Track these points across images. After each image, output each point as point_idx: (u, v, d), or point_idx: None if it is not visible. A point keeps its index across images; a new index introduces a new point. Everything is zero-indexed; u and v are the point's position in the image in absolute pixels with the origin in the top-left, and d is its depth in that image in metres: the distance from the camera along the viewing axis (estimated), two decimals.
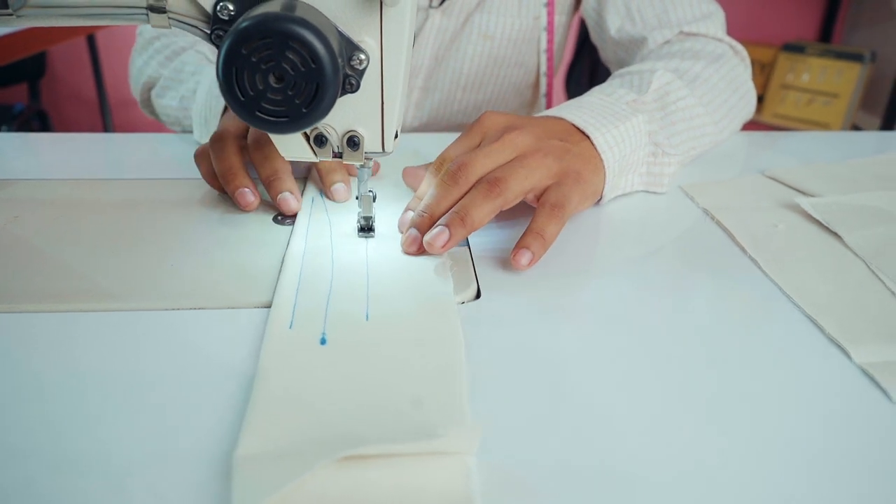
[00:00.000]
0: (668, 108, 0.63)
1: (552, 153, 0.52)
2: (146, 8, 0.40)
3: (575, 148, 0.54)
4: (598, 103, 0.60)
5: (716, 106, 0.68)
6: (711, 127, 0.67)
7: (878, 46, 2.33)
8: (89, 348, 0.40)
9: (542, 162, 0.51)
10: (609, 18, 0.82)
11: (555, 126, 0.56)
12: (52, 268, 0.47)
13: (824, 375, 0.39)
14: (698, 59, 0.71)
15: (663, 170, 0.62)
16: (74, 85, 2.55)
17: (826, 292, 0.46)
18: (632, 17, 0.80)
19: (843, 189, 0.61)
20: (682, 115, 0.64)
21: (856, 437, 0.35)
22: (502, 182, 0.49)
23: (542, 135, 0.54)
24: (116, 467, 0.32)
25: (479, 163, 0.51)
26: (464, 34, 0.86)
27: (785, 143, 0.79)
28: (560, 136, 0.55)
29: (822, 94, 2.34)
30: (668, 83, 0.65)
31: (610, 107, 0.60)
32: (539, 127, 0.55)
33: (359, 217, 0.51)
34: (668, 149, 0.61)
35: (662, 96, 0.64)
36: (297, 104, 0.38)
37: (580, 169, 0.53)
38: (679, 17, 0.78)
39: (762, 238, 0.53)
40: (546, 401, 0.37)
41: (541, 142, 0.53)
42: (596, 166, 0.55)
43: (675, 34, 0.76)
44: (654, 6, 0.79)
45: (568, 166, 0.53)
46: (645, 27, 0.79)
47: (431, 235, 0.48)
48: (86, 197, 0.58)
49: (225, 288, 0.45)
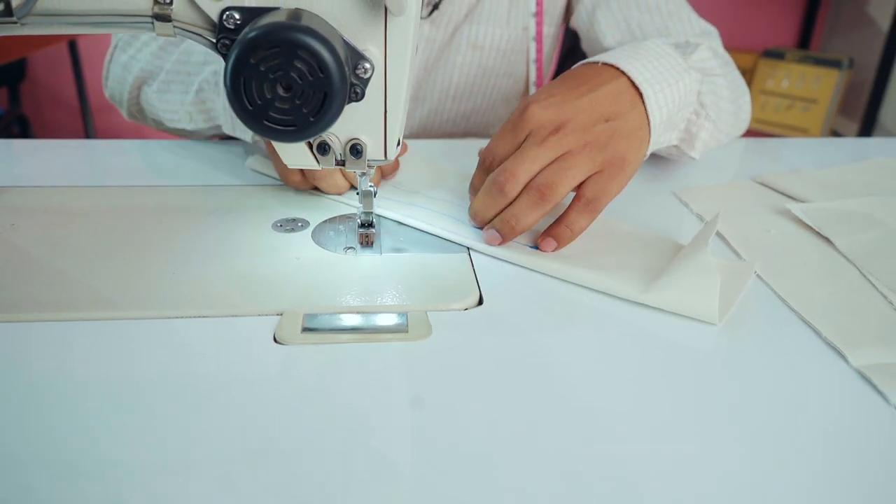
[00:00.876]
0: (708, 78, 0.64)
1: (597, 144, 0.52)
2: (151, 16, 0.40)
3: (622, 123, 0.54)
4: (653, 51, 0.59)
5: (733, 99, 0.69)
6: (731, 117, 0.68)
7: (855, 53, 2.37)
8: (89, 357, 0.40)
9: (588, 156, 0.52)
10: (607, 33, 0.82)
11: (604, 97, 0.55)
12: (52, 276, 0.47)
13: (822, 379, 0.40)
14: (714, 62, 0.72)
15: (700, 132, 0.62)
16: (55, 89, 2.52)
17: (821, 296, 0.47)
18: (632, 31, 0.80)
19: (833, 195, 0.63)
20: (715, 89, 0.64)
21: (854, 440, 0.36)
22: (550, 189, 0.51)
23: (589, 123, 0.53)
24: (116, 476, 0.32)
25: (524, 169, 0.51)
26: (453, 45, 0.86)
27: (771, 149, 0.81)
28: (608, 114, 0.54)
29: (801, 100, 2.37)
30: (709, 59, 0.65)
31: (667, 57, 0.59)
32: (586, 112, 0.53)
33: (359, 213, 0.52)
34: (710, 112, 0.62)
35: (704, 66, 0.64)
36: (305, 113, 0.38)
37: (625, 152, 0.53)
38: (679, 29, 0.79)
39: (756, 243, 0.54)
40: (549, 407, 0.37)
41: (587, 135, 0.52)
42: (642, 138, 0.55)
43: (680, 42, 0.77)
44: (654, 22, 0.80)
45: (613, 155, 0.53)
46: (647, 37, 0.79)
47: (487, 238, 0.52)
48: (82, 204, 0.58)
49: (226, 295, 0.45)
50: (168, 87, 0.72)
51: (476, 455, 0.34)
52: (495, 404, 0.37)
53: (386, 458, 0.34)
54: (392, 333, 0.43)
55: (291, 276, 0.48)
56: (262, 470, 0.32)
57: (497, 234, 0.52)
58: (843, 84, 2.33)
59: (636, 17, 0.81)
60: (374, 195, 0.51)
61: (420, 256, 0.51)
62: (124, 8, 0.40)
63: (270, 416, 0.36)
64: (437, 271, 0.49)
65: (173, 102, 0.72)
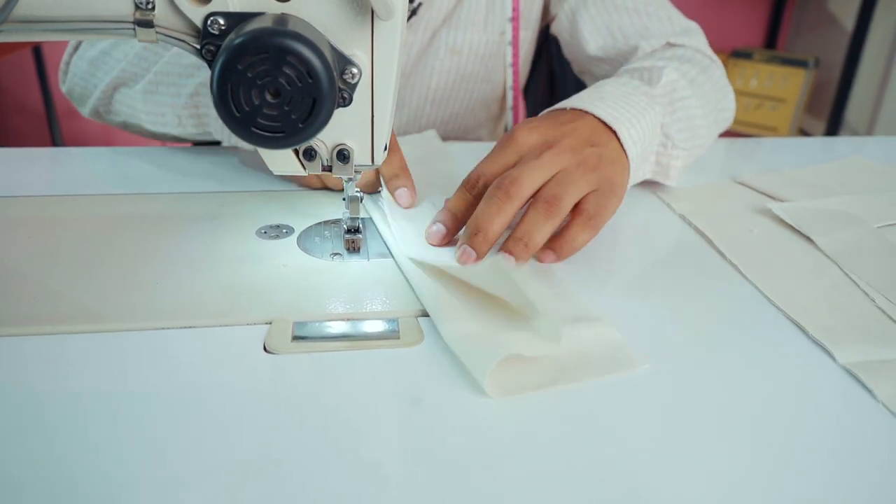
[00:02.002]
0: (675, 104, 0.65)
1: (590, 164, 0.53)
2: (133, 22, 0.39)
3: (605, 151, 0.55)
4: (616, 92, 0.60)
5: (707, 111, 0.70)
6: (705, 130, 0.69)
7: (820, 52, 2.41)
8: (76, 371, 0.39)
9: (584, 175, 0.52)
10: (589, 38, 0.82)
11: (584, 129, 0.56)
12: (33, 288, 0.45)
13: (810, 377, 0.41)
14: (693, 64, 0.73)
15: (671, 161, 0.63)
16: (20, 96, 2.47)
17: (805, 295, 0.48)
18: (613, 35, 0.81)
19: (811, 194, 0.64)
20: (685, 113, 0.65)
21: (843, 437, 0.36)
22: (558, 200, 0.50)
23: (577, 145, 0.54)
24: (105, 487, 0.31)
25: (528, 178, 0.51)
26: (431, 50, 0.86)
27: (749, 149, 0.82)
28: (591, 141, 0.55)
29: (769, 99, 2.42)
30: (675, 80, 0.66)
31: (628, 96, 0.60)
32: (572, 137, 0.55)
33: (345, 219, 0.51)
34: (677, 141, 0.63)
35: (670, 92, 0.65)
36: (294, 119, 0.38)
37: (613, 177, 0.54)
38: (660, 30, 0.79)
39: (739, 243, 0.55)
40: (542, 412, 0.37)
41: (578, 155, 0.53)
42: (623, 167, 0.57)
43: (661, 44, 0.77)
44: (634, 24, 0.80)
45: (603, 176, 0.53)
46: (629, 39, 0.79)
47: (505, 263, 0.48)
48: (60, 214, 0.56)
49: (213, 305, 0.44)
50: (156, 89, 0.69)
51: (469, 463, 0.33)
52: (488, 410, 0.37)
53: (379, 466, 0.33)
54: (383, 340, 0.42)
55: (279, 284, 0.47)
56: (253, 480, 0.32)
57: (511, 257, 0.49)
58: (809, 83, 2.38)
59: (616, 20, 0.81)
60: (361, 200, 0.50)
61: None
62: (105, 14, 0.39)
63: (262, 426, 0.35)
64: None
65: (161, 105, 0.69)
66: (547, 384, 0.39)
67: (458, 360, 0.40)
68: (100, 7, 0.39)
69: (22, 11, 0.39)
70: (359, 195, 0.50)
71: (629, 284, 0.50)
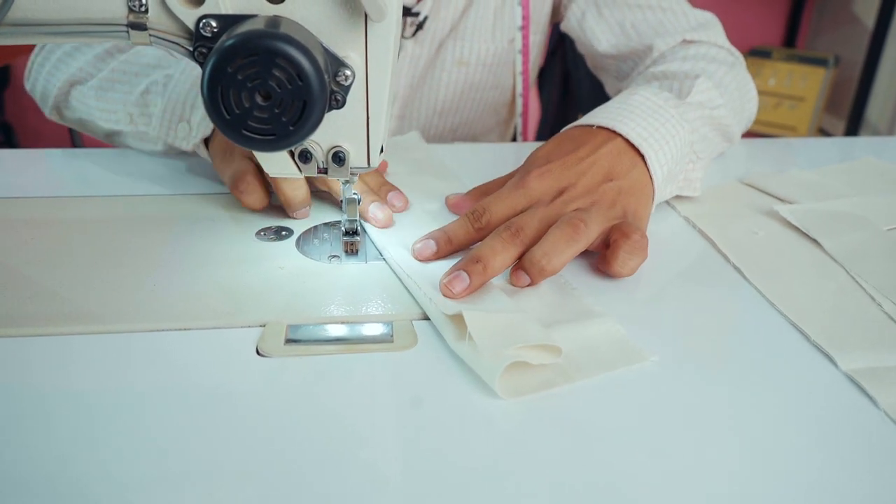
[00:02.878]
0: (707, 116, 0.63)
1: (605, 203, 0.51)
2: (126, 25, 0.39)
3: (625, 182, 0.53)
4: (646, 106, 0.58)
5: (735, 112, 0.69)
6: (731, 133, 0.68)
7: (840, 51, 2.38)
8: (72, 372, 0.39)
9: (601, 212, 0.50)
10: (601, 37, 0.80)
11: (606, 158, 0.54)
12: (32, 290, 0.46)
13: (811, 383, 0.40)
14: (719, 64, 0.71)
15: (696, 174, 0.61)
16: None
17: (809, 299, 0.47)
18: (626, 33, 0.79)
19: (819, 196, 0.63)
20: (717, 122, 0.64)
21: (844, 445, 0.35)
22: (584, 222, 0.48)
23: (593, 186, 0.52)
24: (107, 490, 0.31)
25: (533, 224, 0.49)
26: (438, 62, 0.85)
27: (759, 150, 0.81)
28: (610, 174, 0.53)
29: (788, 98, 2.38)
30: (708, 90, 0.64)
31: (659, 112, 0.57)
32: (588, 176, 0.52)
33: (343, 221, 0.51)
34: (701, 154, 0.61)
35: (701, 102, 0.63)
36: (284, 122, 0.38)
37: (636, 208, 0.52)
38: (676, 25, 0.77)
39: (743, 245, 0.54)
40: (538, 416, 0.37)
41: (593, 195, 0.51)
42: (646, 193, 0.54)
43: (677, 42, 0.75)
44: (647, 20, 0.78)
45: (624, 210, 0.52)
46: (643, 37, 0.78)
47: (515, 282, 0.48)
48: (60, 216, 0.57)
49: (209, 307, 0.44)
50: (112, 86, 0.69)
51: (464, 466, 0.33)
52: (482, 414, 0.37)
53: (371, 470, 0.33)
54: (377, 344, 0.42)
55: (275, 287, 0.47)
56: (245, 483, 0.32)
57: (526, 278, 0.47)
58: (829, 82, 2.34)
59: (629, 16, 0.79)
60: (359, 202, 0.50)
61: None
62: (99, 17, 0.39)
63: (254, 429, 0.35)
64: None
65: (113, 101, 0.69)
66: (559, 382, 0.39)
67: (451, 363, 0.40)
68: (93, 10, 0.39)
69: (17, 15, 0.39)
70: (356, 197, 0.50)
71: (629, 287, 0.49)
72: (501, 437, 0.35)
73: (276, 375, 0.39)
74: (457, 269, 0.46)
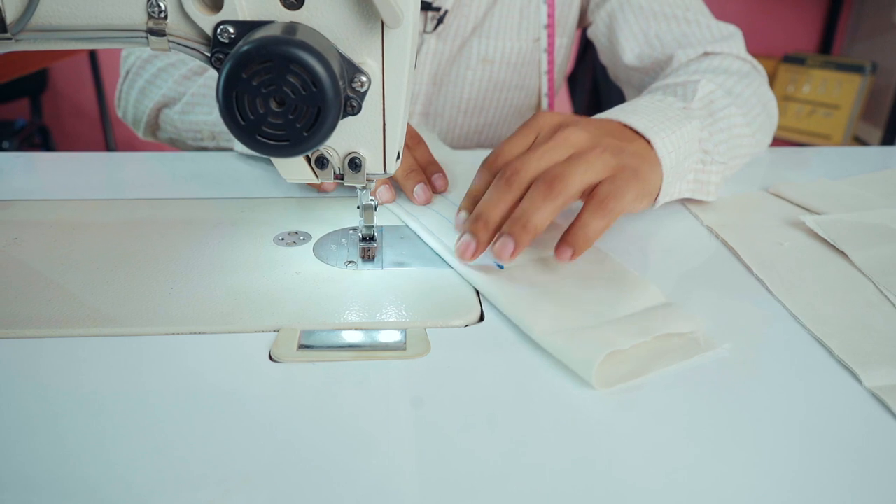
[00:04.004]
0: (715, 115, 0.63)
1: (609, 149, 0.50)
2: (146, 31, 0.40)
3: (631, 147, 0.53)
4: (651, 106, 0.58)
5: (751, 118, 0.68)
6: (750, 139, 0.67)
7: (878, 58, 2.33)
8: (88, 374, 0.39)
9: (600, 157, 0.49)
10: (626, 46, 0.81)
11: (611, 126, 0.55)
12: (52, 291, 0.46)
13: (833, 399, 0.39)
14: (729, 74, 0.71)
15: (710, 178, 0.61)
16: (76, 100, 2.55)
17: (833, 313, 0.46)
18: (650, 42, 0.79)
19: (849, 206, 0.61)
20: (725, 123, 0.63)
21: (867, 464, 0.34)
22: (561, 180, 0.47)
23: (598, 132, 0.52)
24: (120, 492, 0.31)
25: (532, 165, 0.49)
26: (462, 59, 0.85)
27: (789, 159, 0.79)
28: (616, 136, 0.53)
29: (823, 106, 2.34)
30: (712, 92, 0.64)
31: (664, 110, 0.58)
32: (594, 125, 0.53)
33: (360, 227, 0.51)
34: (716, 156, 0.60)
35: (708, 104, 0.63)
36: (299, 128, 0.38)
37: (638, 166, 0.51)
38: (699, 37, 0.77)
39: (768, 257, 0.53)
40: (551, 425, 0.36)
41: (596, 138, 0.51)
42: (653, 165, 0.54)
43: (699, 54, 0.75)
44: (672, 31, 0.78)
45: (626, 162, 0.50)
46: (666, 48, 0.78)
47: (497, 248, 0.47)
48: (84, 218, 0.58)
49: (223, 312, 0.45)
50: (192, 109, 0.75)
51: (476, 475, 0.33)
52: (495, 423, 0.36)
53: (381, 477, 0.33)
54: (389, 351, 0.42)
55: (291, 292, 0.47)
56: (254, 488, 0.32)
57: (510, 239, 0.46)
58: (865, 89, 2.29)
59: (653, 27, 0.79)
60: (375, 209, 0.50)
61: (422, 271, 0.50)
62: (118, 23, 0.40)
63: (265, 434, 0.35)
64: (439, 286, 0.48)
65: (197, 123, 0.75)
66: (642, 372, 0.40)
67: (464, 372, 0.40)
68: (113, 16, 0.39)
69: (40, 21, 0.39)
70: (373, 203, 0.50)
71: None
72: (511, 444, 0.35)
73: (287, 381, 0.39)
74: (462, 232, 0.48)
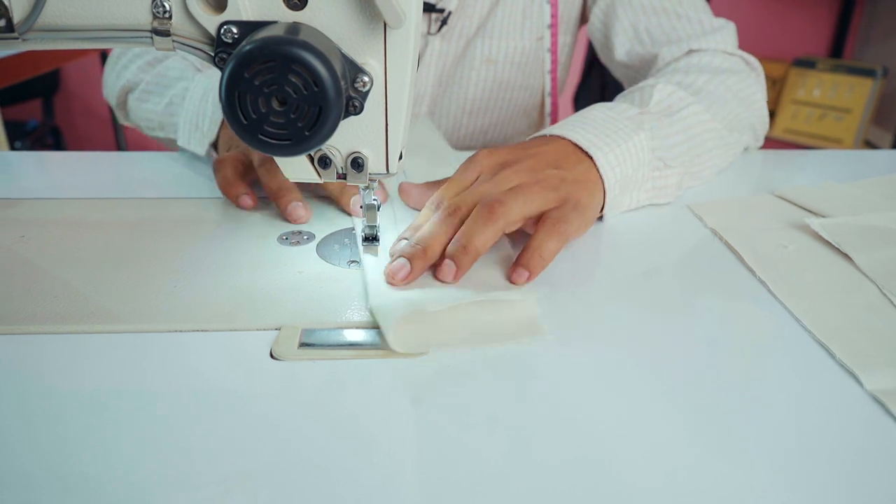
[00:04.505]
0: (674, 115, 0.63)
1: (549, 184, 0.52)
2: (150, 31, 0.40)
3: (571, 174, 0.54)
4: (600, 118, 0.60)
5: (723, 115, 0.68)
6: (718, 134, 0.67)
7: (889, 62, 2.31)
8: (90, 370, 0.40)
9: (541, 193, 0.51)
10: (617, 41, 0.81)
11: (553, 152, 0.56)
12: (57, 289, 0.47)
13: (834, 402, 0.39)
14: (702, 72, 0.71)
15: (667, 181, 0.62)
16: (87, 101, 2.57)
17: (836, 316, 0.46)
18: (640, 38, 0.79)
19: (855, 209, 0.61)
20: (683, 124, 0.63)
21: (866, 467, 0.34)
22: (502, 204, 0.49)
23: (538, 167, 0.53)
24: (121, 489, 0.32)
25: (472, 199, 0.50)
26: (466, 59, 0.85)
27: (796, 162, 0.79)
28: (557, 164, 0.54)
29: (833, 110, 2.33)
30: (670, 94, 0.65)
31: (612, 122, 0.59)
32: (535, 159, 0.54)
33: (364, 227, 0.51)
34: (669, 161, 0.61)
35: (666, 108, 0.64)
36: (300, 127, 0.38)
37: (578, 196, 0.53)
38: (688, 32, 0.77)
39: (771, 259, 0.53)
40: (552, 422, 0.36)
41: (537, 174, 0.53)
42: (594, 189, 0.55)
43: (683, 52, 0.76)
44: (661, 25, 0.78)
45: (567, 195, 0.52)
46: (654, 45, 0.78)
47: (441, 272, 0.47)
48: (91, 217, 0.58)
49: (225, 310, 0.45)
50: (147, 98, 0.76)
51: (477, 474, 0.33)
52: (495, 420, 0.36)
53: (382, 477, 0.33)
54: (389, 349, 0.42)
55: (292, 291, 0.47)
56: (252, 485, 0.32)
57: (452, 265, 0.47)
58: (877, 93, 2.28)
59: (643, 21, 0.80)
60: (378, 209, 0.50)
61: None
62: (124, 23, 0.40)
63: (264, 431, 0.35)
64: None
65: (148, 112, 0.76)
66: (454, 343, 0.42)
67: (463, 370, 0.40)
68: (118, 16, 0.40)
69: (47, 21, 0.40)
70: (375, 203, 0.50)
71: (650, 300, 0.48)
72: (516, 441, 0.35)
73: (288, 379, 0.40)
74: (399, 256, 0.48)
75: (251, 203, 0.59)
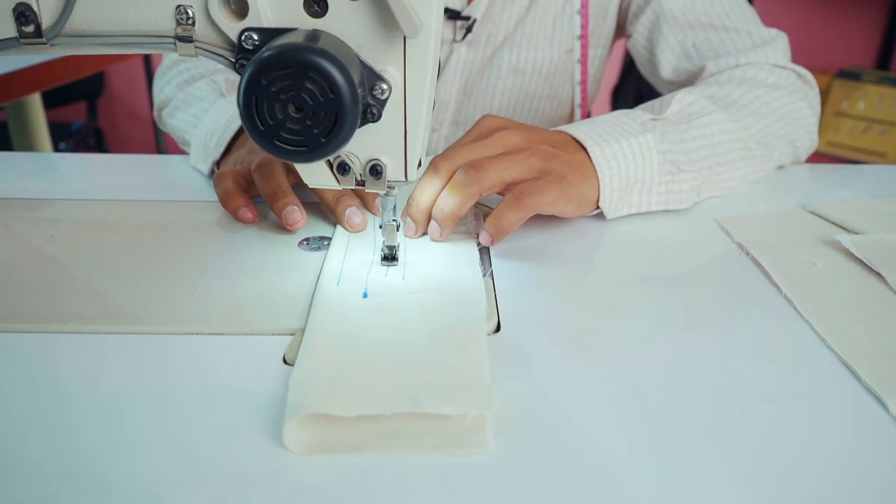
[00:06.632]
0: (692, 122, 0.62)
1: (538, 154, 0.54)
2: (174, 37, 0.41)
3: (566, 156, 0.55)
4: (609, 119, 0.60)
5: (757, 128, 0.66)
6: (744, 145, 0.65)
7: None
8: (109, 370, 0.40)
9: (526, 159, 0.53)
10: (663, 59, 0.80)
11: (551, 136, 0.58)
12: (82, 289, 0.48)
13: (858, 427, 0.37)
14: (741, 85, 0.69)
15: (681, 186, 0.61)
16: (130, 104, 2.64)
17: (864, 337, 0.44)
18: (687, 54, 0.78)
19: (889, 226, 0.59)
20: (707, 130, 0.63)
21: (890, 493, 0.33)
22: (479, 170, 0.51)
23: (534, 138, 0.55)
24: (138, 489, 0.32)
25: (460, 157, 0.53)
26: (493, 68, 0.85)
27: (832, 176, 0.77)
28: (553, 144, 0.56)
29: (878, 123, 2.27)
30: (690, 103, 0.64)
31: (619, 123, 0.60)
32: (532, 132, 0.56)
33: (383, 246, 0.51)
34: (683, 166, 0.61)
35: (686, 115, 0.63)
36: (316, 134, 0.38)
37: (566, 173, 0.54)
38: (737, 45, 0.76)
39: (799, 276, 0.51)
40: (563, 440, 0.35)
41: (529, 143, 0.54)
42: (586, 175, 0.56)
43: (731, 66, 0.74)
44: (710, 40, 0.77)
45: (553, 167, 0.54)
46: (701, 59, 0.77)
47: (430, 233, 0.53)
48: (119, 219, 0.59)
49: (241, 314, 0.45)
50: (174, 114, 0.79)
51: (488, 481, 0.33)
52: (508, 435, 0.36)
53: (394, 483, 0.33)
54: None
55: (309, 296, 0.47)
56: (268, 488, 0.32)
57: (436, 227, 0.53)
58: None
59: (691, 38, 0.78)
60: (398, 228, 0.50)
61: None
62: (148, 29, 0.41)
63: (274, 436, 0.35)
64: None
65: (173, 127, 0.80)
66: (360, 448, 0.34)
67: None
68: (143, 23, 0.41)
69: (73, 27, 0.41)
70: (395, 223, 0.50)
71: (672, 316, 0.47)
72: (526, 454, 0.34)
73: None
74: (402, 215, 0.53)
75: (251, 216, 0.58)
